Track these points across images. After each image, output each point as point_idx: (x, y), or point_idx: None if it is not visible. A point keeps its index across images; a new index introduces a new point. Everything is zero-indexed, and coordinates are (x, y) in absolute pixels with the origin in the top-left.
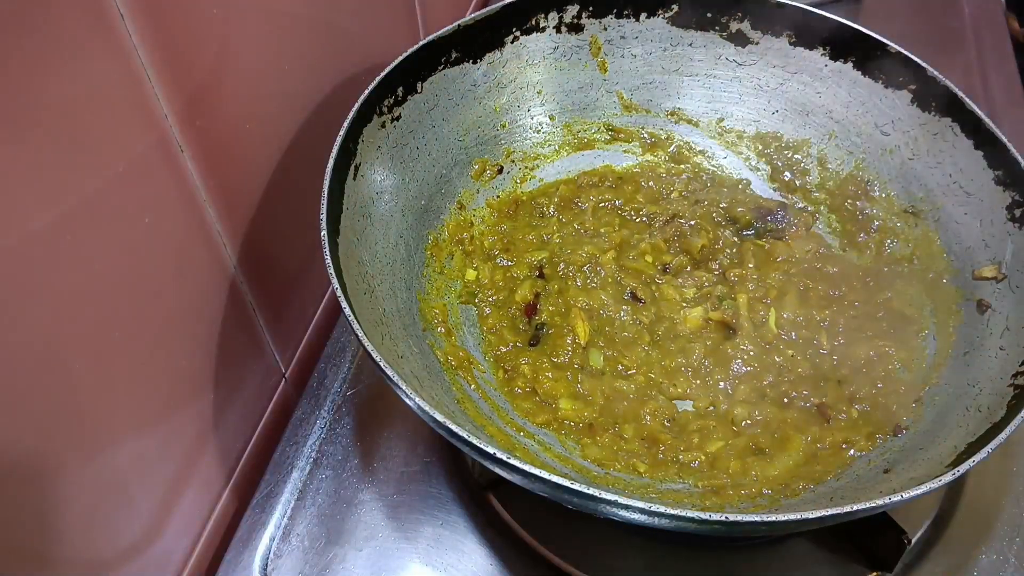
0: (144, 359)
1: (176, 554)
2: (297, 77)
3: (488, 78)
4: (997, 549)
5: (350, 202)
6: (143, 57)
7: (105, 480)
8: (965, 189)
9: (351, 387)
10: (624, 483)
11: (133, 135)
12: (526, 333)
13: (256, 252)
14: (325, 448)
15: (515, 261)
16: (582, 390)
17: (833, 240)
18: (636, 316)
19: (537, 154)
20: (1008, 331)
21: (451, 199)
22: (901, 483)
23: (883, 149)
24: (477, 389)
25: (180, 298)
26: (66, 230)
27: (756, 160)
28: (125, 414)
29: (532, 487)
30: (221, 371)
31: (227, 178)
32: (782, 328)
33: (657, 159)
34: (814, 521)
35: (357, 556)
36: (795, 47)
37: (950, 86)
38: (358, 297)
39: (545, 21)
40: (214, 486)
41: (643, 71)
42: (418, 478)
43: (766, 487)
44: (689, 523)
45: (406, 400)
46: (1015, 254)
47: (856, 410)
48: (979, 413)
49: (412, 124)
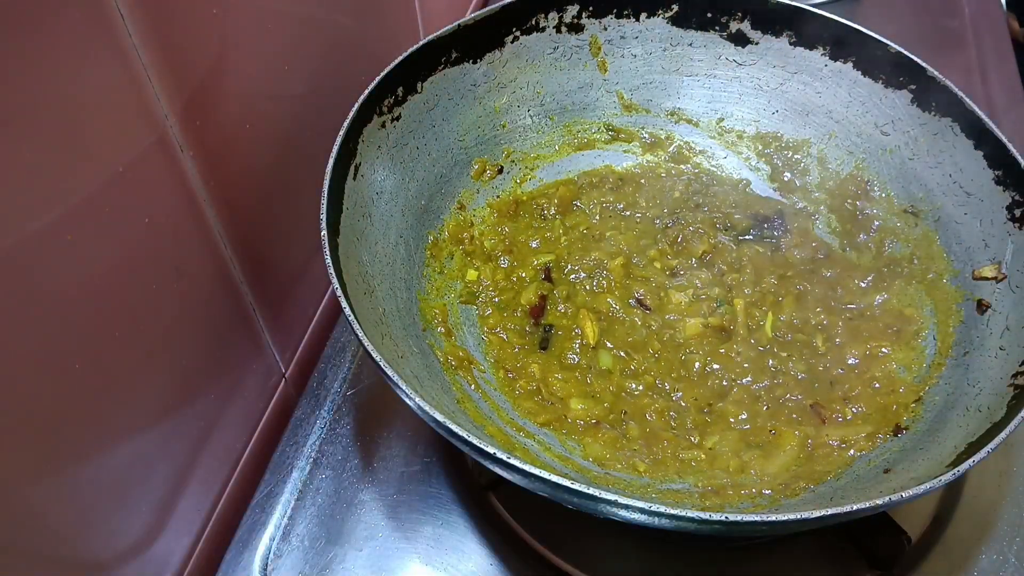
0: (144, 359)
1: (176, 554)
2: (297, 77)
3: (488, 78)
4: (997, 549)
5: (350, 202)
6: (143, 57)
7: (105, 480)
8: (965, 189)
9: (351, 387)
10: (624, 483)
11: (133, 135)
12: (532, 335)
13: (256, 252)
14: (325, 448)
15: (518, 263)
16: (591, 391)
17: (833, 240)
18: (644, 321)
19: (537, 154)
20: (1008, 331)
21: (451, 199)
22: (901, 483)
23: (883, 149)
24: (477, 389)
25: (180, 298)
26: (66, 230)
27: (756, 160)
28: (125, 414)
29: (532, 487)
30: (221, 371)
31: (227, 178)
32: (779, 331)
33: (657, 159)
34: (814, 521)
35: (357, 556)
36: (795, 47)
37: (950, 86)
38: (358, 297)
39: (545, 21)
40: (214, 486)
41: (643, 71)
42: (418, 478)
43: (766, 487)
44: (689, 523)
45: (406, 400)
46: (1015, 254)
47: (850, 410)
48: (979, 413)
49: (412, 124)
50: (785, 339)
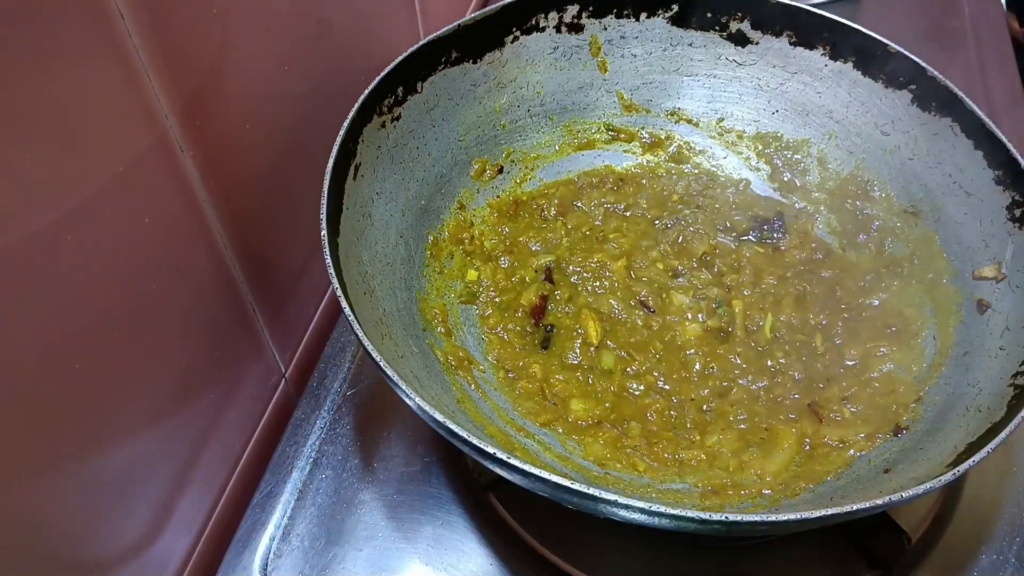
0: (144, 359)
1: (176, 554)
2: (297, 77)
3: (488, 78)
4: (997, 549)
5: (350, 202)
6: (143, 57)
7: (105, 480)
8: (965, 189)
9: (351, 387)
10: (624, 483)
11: (133, 135)
12: (532, 335)
13: (256, 252)
14: (325, 448)
15: (519, 263)
16: (593, 391)
17: (833, 240)
18: (646, 322)
19: (537, 154)
20: (1008, 331)
21: (451, 199)
22: (901, 483)
23: (883, 149)
24: (477, 389)
25: (180, 298)
26: (66, 230)
27: (756, 160)
28: (125, 414)
29: (532, 487)
30: (221, 371)
31: (227, 178)
32: (778, 332)
33: (657, 159)
34: (814, 521)
35: (357, 556)
36: (795, 47)
37: (950, 86)
38: (358, 297)
39: (545, 21)
40: (214, 486)
41: (643, 71)
42: (418, 478)
43: (766, 487)
44: (689, 523)
45: (406, 400)
46: (1015, 254)
47: (849, 410)
48: (979, 413)
49: (412, 124)
50: (784, 339)
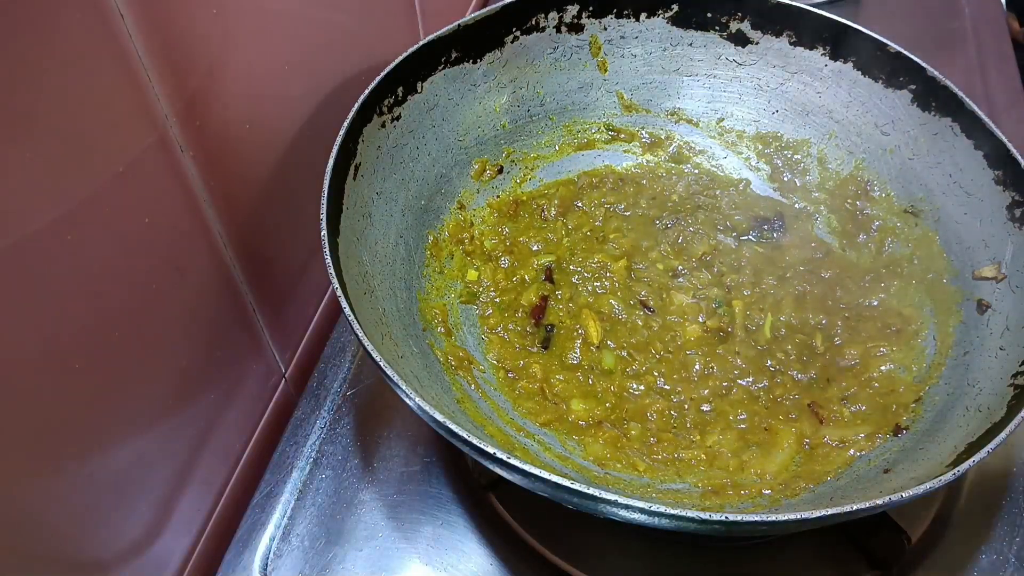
0: (144, 359)
1: (176, 554)
2: (297, 77)
3: (488, 78)
4: (997, 549)
5: (350, 202)
6: (143, 57)
7: (105, 480)
8: (965, 189)
9: (351, 387)
10: (624, 483)
11: (133, 135)
12: (533, 335)
13: (256, 252)
14: (325, 448)
15: (519, 263)
16: (593, 391)
17: (833, 240)
18: (646, 322)
19: (537, 154)
20: (1008, 331)
21: (451, 199)
22: (901, 483)
23: (883, 149)
24: (477, 389)
25: (180, 298)
26: (66, 230)
27: (756, 160)
28: (125, 414)
29: (532, 487)
30: (221, 371)
31: (227, 178)
32: (778, 332)
33: (657, 159)
34: (814, 521)
35: (357, 556)
36: (795, 47)
37: (950, 86)
38: (358, 297)
39: (545, 21)
40: (214, 486)
41: (643, 71)
42: (418, 478)
43: (766, 487)
44: (689, 523)
45: (406, 400)
46: (1015, 254)
47: (849, 410)
48: (979, 413)
49: (412, 124)
50: (784, 339)
